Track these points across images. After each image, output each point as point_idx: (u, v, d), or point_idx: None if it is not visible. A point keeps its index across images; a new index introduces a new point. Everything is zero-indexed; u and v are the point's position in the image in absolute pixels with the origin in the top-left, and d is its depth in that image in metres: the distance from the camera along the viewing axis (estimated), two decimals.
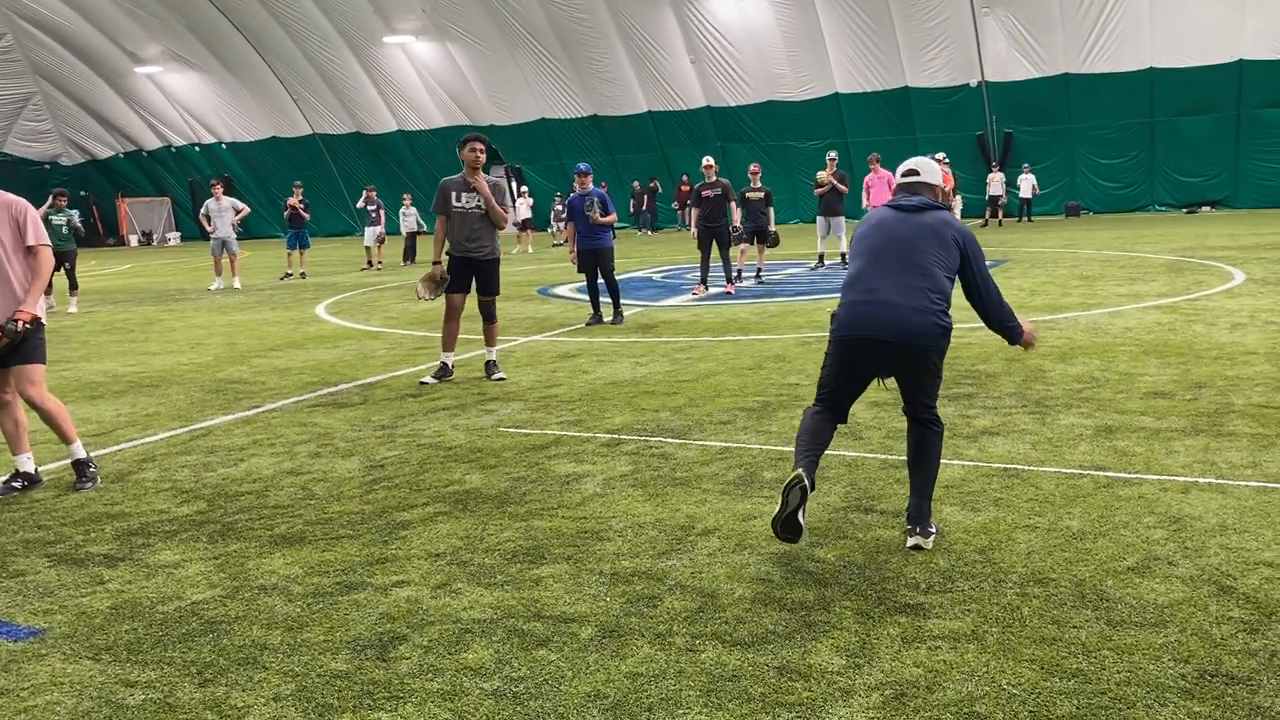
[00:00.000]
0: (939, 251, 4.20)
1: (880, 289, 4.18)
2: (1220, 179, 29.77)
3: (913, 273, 4.16)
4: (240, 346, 11.08)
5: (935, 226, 4.24)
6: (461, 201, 8.28)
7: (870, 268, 4.26)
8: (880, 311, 4.13)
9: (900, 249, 4.22)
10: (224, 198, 19.38)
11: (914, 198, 4.37)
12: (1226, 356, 7.85)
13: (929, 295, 4.12)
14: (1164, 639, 3.31)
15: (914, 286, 4.13)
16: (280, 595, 4.04)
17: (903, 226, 4.28)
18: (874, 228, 4.37)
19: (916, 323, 4.09)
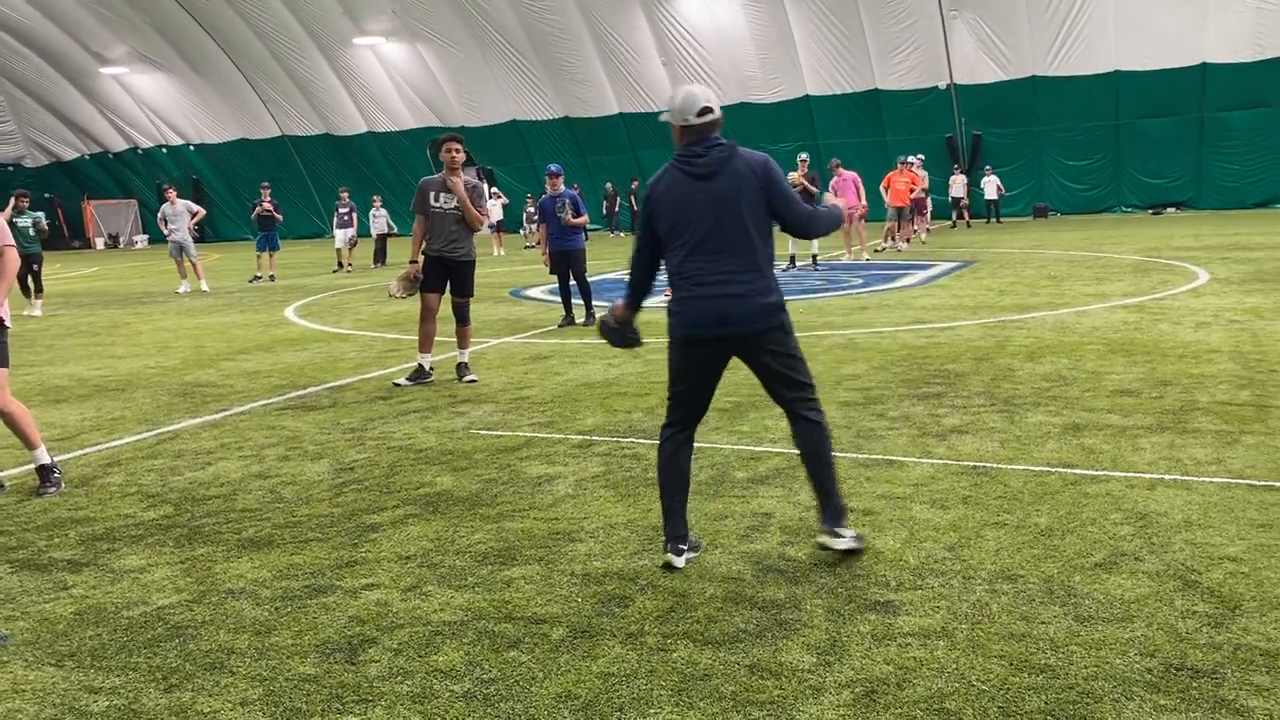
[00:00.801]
0: (746, 215, 3.94)
1: (708, 280, 3.95)
2: (1184, 181, 30.17)
3: (726, 253, 3.94)
4: (208, 349, 10.97)
5: (733, 186, 3.93)
6: (440, 202, 8.22)
7: (693, 256, 3.99)
8: (710, 305, 3.94)
9: (713, 225, 3.95)
10: (178, 201, 19.16)
11: (705, 150, 3.98)
12: (1191, 355, 7.95)
13: (749, 276, 3.93)
14: (1130, 634, 3.34)
15: (738, 269, 3.93)
16: (248, 599, 4.00)
17: (708, 200, 3.96)
18: (683, 206, 4.00)
19: (747, 308, 3.92)
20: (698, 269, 3.99)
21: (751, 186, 3.96)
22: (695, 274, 3.99)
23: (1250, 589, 3.63)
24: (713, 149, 3.99)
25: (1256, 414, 6.03)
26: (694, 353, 4.07)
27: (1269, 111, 28.24)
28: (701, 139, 4.01)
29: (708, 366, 4.10)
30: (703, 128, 4.02)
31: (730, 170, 3.96)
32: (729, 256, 3.95)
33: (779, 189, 4.00)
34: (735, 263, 3.95)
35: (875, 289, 13.84)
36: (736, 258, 3.95)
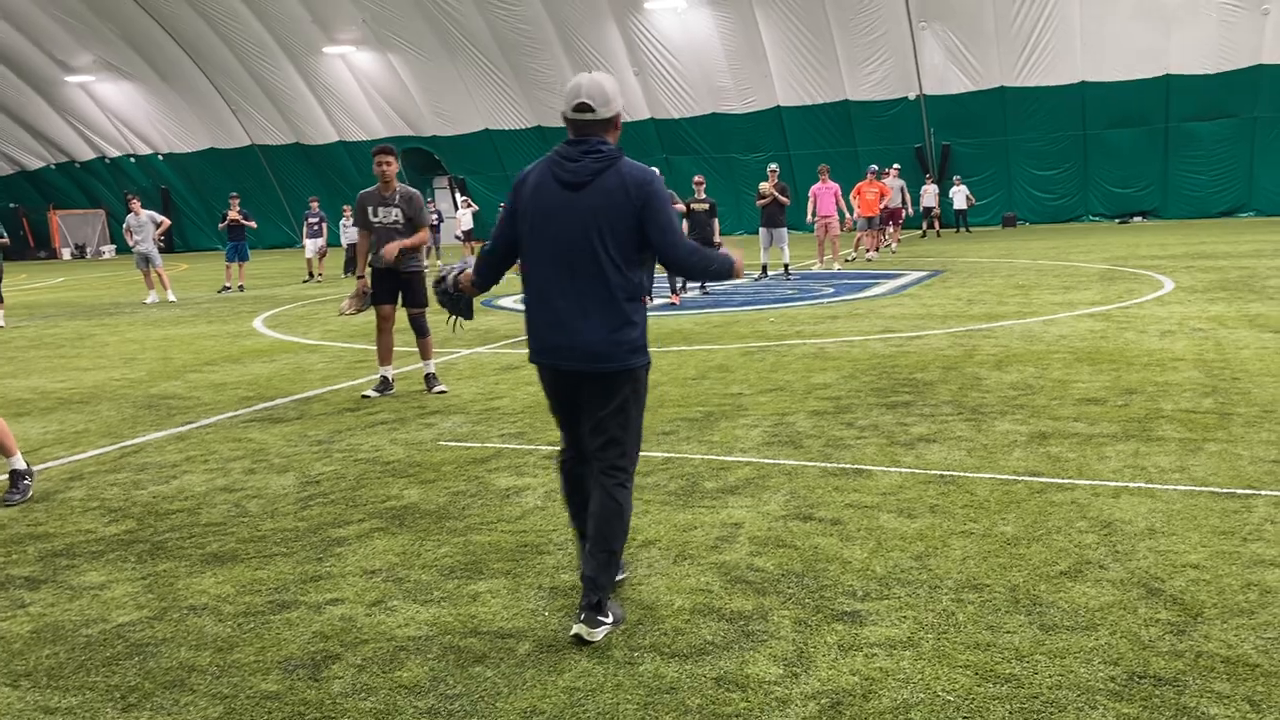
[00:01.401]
0: (609, 238, 3.43)
1: (555, 301, 3.51)
2: (1150, 190, 30.55)
3: (579, 278, 3.46)
4: (175, 361, 10.85)
5: (600, 203, 3.42)
6: (379, 216, 8.06)
7: (542, 271, 3.54)
8: (556, 333, 3.51)
9: (570, 244, 3.46)
10: (143, 211, 18.98)
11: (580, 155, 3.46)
12: (1156, 363, 8.03)
13: (597, 308, 3.46)
14: (1095, 642, 3.36)
15: (591, 297, 3.46)
16: (210, 615, 3.94)
17: (568, 214, 3.45)
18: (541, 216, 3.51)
19: (579, 346, 3.47)
20: (545, 288, 3.54)
21: (622, 207, 3.42)
22: (542, 292, 3.56)
23: (1212, 596, 3.66)
24: (589, 155, 3.46)
25: (1219, 421, 6.10)
26: (546, 378, 3.68)
27: (1232, 122, 28.67)
28: (581, 140, 3.49)
29: (560, 395, 3.68)
30: (581, 126, 3.49)
31: (601, 185, 3.43)
32: (581, 281, 3.46)
33: (657, 214, 3.45)
34: (587, 290, 3.46)
35: (846, 298, 13.90)
36: (590, 285, 3.46)
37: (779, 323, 11.59)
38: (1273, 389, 6.90)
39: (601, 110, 3.45)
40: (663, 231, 3.46)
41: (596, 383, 3.53)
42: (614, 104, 3.49)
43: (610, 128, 3.51)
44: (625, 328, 3.49)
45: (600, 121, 3.47)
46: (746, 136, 33.52)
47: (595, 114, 3.45)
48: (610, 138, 3.51)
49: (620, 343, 3.48)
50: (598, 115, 3.45)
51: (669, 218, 3.49)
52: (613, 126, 3.52)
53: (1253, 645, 3.28)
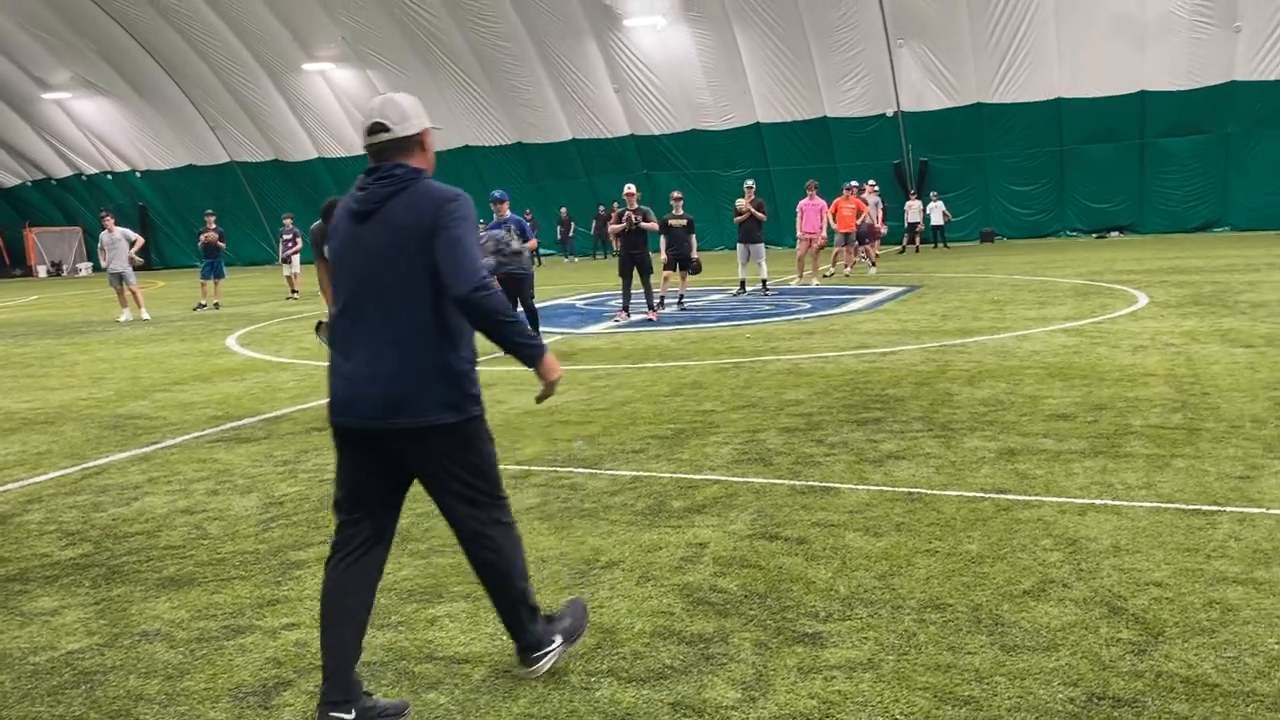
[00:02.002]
0: (403, 272, 2.97)
1: (352, 350, 3.03)
2: (1127, 205, 30.77)
3: (379, 319, 2.99)
4: (144, 380, 10.74)
5: (389, 234, 2.99)
6: None
7: (344, 316, 3.07)
8: (354, 386, 3.02)
9: (370, 283, 3.01)
10: (116, 228, 18.85)
11: (369, 183, 3.06)
12: (1127, 378, 8.04)
13: (415, 350, 2.98)
14: (1055, 662, 3.33)
15: (392, 340, 2.98)
16: (162, 641, 3.87)
17: (357, 250, 3.04)
18: (335, 257, 3.13)
19: (398, 395, 2.96)
20: (345, 334, 3.07)
21: (413, 235, 2.97)
22: (342, 340, 3.09)
23: (1174, 615, 3.64)
24: (381, 180, 3.04)
25: (1187, 437, 6.10)
26: (339, 443, 3.13)
27: (1206, 138, 28.94)
28: (377, 166, 3.09)
29: (358, 464, 3.11)
30: (378, 150, 3.09)
31: (388, 211, 3.01)
32: (381, 324, 3.00)
33: (446, 243, 2.93)
34: (387, 333, 2.99)
35: (822, 314, 13.91)
36: (391, 327, 2.99)
37: (754, 339, 11.58)
38: (1241, 404, 6.92)
39: (398, 128, 3.06)
40: (451, 265, 2.91)
41: (406, 445, 3.02)
42: (413, 121, 3.09)
43: (412, 149, 3.09)
44: (432, 376, 2.99)
45: (397, 141, 3.06)
46: (726, 153, 33.62)
47: (391, 133, 3.05)
48: (415, 161, 3.09)
49: (428, 392, 2.98)
50: (394, 134, 3.05)
51: (454, 246, 2.93)
52: (417, 148, 3.11)
53: (1212, 665, 3.25)
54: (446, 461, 3.07)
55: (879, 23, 29.75)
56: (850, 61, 30.80)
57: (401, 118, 3.07)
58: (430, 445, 3.03)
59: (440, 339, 3.01)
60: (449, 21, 33.36)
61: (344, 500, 3.16)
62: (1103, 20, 28.01)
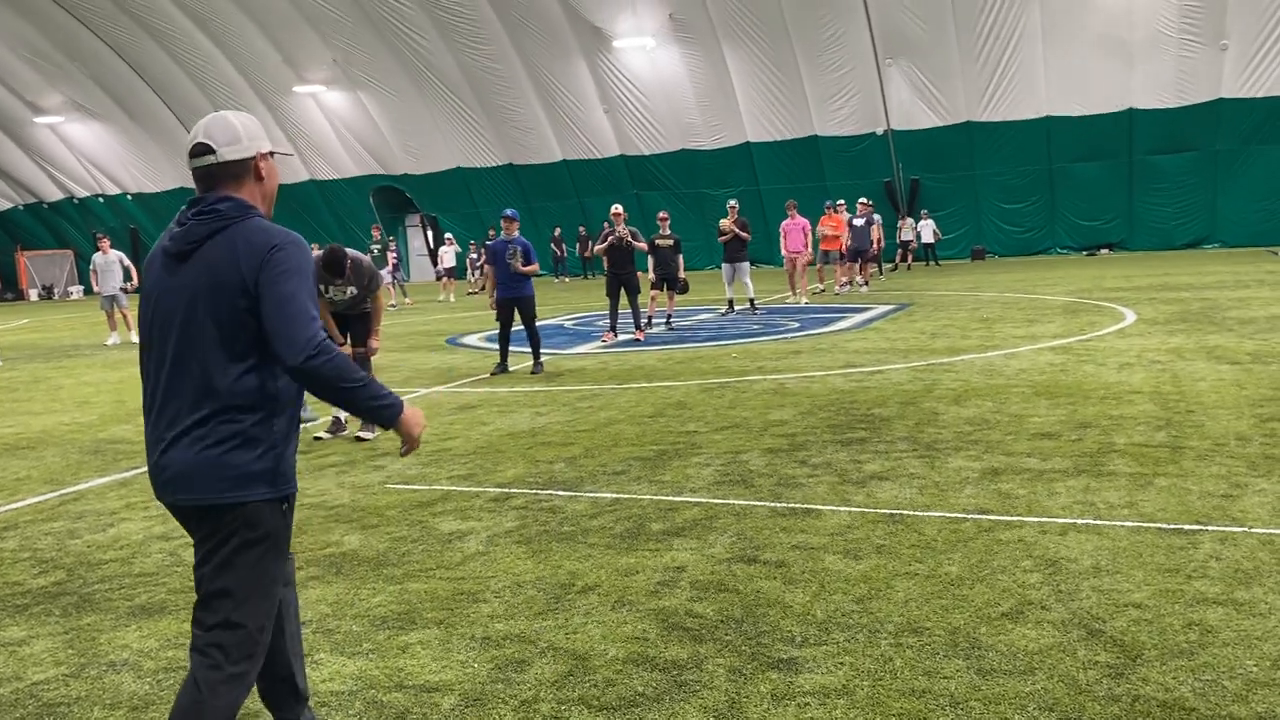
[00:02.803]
0: (209, 324, 2.56)
1: (151, 412, 2.64)
2: (1116, 222, 30.87)
3: (182, 377, 2.58)
4: (129, 404, 10.67)
5: (197, 284, 2.57)
6: (330, 293, 8.03)
7: (147, 375, 2.68)
8: (151, 451, 2.65)
9: (170, 332, 2.61)
10: (111, 251, 18.82)
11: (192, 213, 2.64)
12: (1113, 396, 8.02)
13: (211, 416, 2.55)
14: (1031, 687, 3.28)
15: (184, 404, 2.57)
16: (130, 672, 3.81)
17: (169, 296, 2.63)
18: (144, 302, 2.71)
19: (183, 465, 2.55)
20: (150, 394, 2.67)
21: (229, 281, 2.55)
22: (149, 401, 2.67)
23: (1152, 637, 3.60)
24: (202, 216, 2.62)
25: (1171, 455, 6.07)
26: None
27: (1194, 155, 29.06)
28: (201, 198, 2.67)
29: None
30: (202, 176, 2.67)
31: (205, 252, 2.59)
32: (183, 382, 2.59)
33: (274, 303, 2.52)
34: (189, 393, 2.58)
35: (810, 333, 13.90)
36: (192, 385, 2.58)
37: (741, 358, 11.55)
38: (1226, 421, 6.90)
39: (225, 151, 2.64)
40: (278, 325, 2.49)
41: (192, 521, 2.63)
42: (244, 144, 2.66)
43: (244, 177, 2.67)
44: (234, 447, 2.55)
45: (225, 166, 2.65)
46: (716, 172, 33.71)
47: (216, 156, 2.64)
48: (245, 193, 2.67)
49: (222, 465, 2.54)
50: (220, 158, 2.64)
51: (294, 308, 2.51)
52: (250, 176, 2.68)
53: (1190, 688, 3.21)
54: (218, 546, 2.62)
55: (868, 42, 29.90)
56: (840, 81, 30.94)
57: (231, 139, 2.65)
58: (210, 525, 2.61)
59: (251, 404, 2.58)
60: (439, 43, 33.48)
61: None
62: (1090, 39, 28.18)
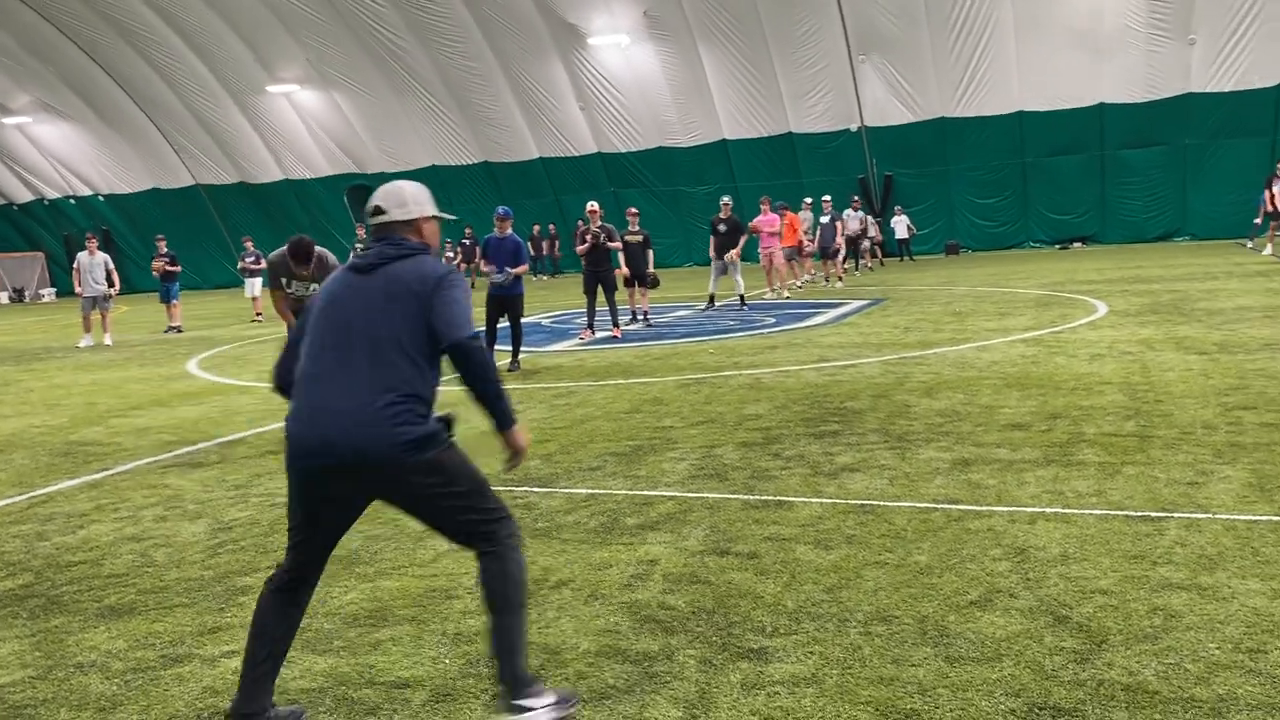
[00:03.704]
0: (399, 322, 3.08)
1: (321, 393, 3.08)
2: (1089, 216, 31.13)
3: (363, 365, 3.06)
4: (99, 406, 10.58)
5: (388, 287, 3.13)
6: (293, 289, 8.01)
7: (315, 362, 3.15)
8: (318, 427, 3.04)
9: (349, 331, 3.12)
10: (98, 252, 18.67)
11: (376, 246, 3.27)
12: (1083, 387, 8.09)
13: (383, 395, 3.02)
14: (998, 673, 3.32)
15: (363, 384, 3.04)
16: (98, 673, 3.79)
17: (354, 297, 3.17)
18: (326, 300, 3.25)
19: (366, 436, 2.99)
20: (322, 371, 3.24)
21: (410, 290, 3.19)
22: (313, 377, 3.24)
23: (1118, 622, 3.64)
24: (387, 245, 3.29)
25: (1139, 445, 6.14)
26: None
27: (1164, 149, 29.34)
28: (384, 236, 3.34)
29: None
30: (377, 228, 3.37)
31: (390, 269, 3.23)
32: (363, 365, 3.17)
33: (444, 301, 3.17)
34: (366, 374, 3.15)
35: (786, 328, 13.94)
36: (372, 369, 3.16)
37: (718, 354, 11.58)
38: (1193, 410, 6.98)
39: (395, 212, 3.30)
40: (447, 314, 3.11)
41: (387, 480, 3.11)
42: (410, 208, 3.31)
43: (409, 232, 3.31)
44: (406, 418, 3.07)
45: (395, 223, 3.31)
46: (693, 170, 33.75)
47: (388, 215, 3.30)
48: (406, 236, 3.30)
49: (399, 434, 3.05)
50: (390, 218, 3.30)
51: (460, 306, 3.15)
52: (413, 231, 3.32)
53: (1153, 672, 3.25)
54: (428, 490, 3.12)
55: (841, 39, 30.02)
56: (814, 78, 31.04)
57: (399, 204, 3.31)
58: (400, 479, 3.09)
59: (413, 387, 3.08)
60: (413, 42, 33.35)
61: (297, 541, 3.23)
62: (1061, 34, 28.40)
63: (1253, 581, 3.94)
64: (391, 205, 3.31)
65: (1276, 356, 8.91)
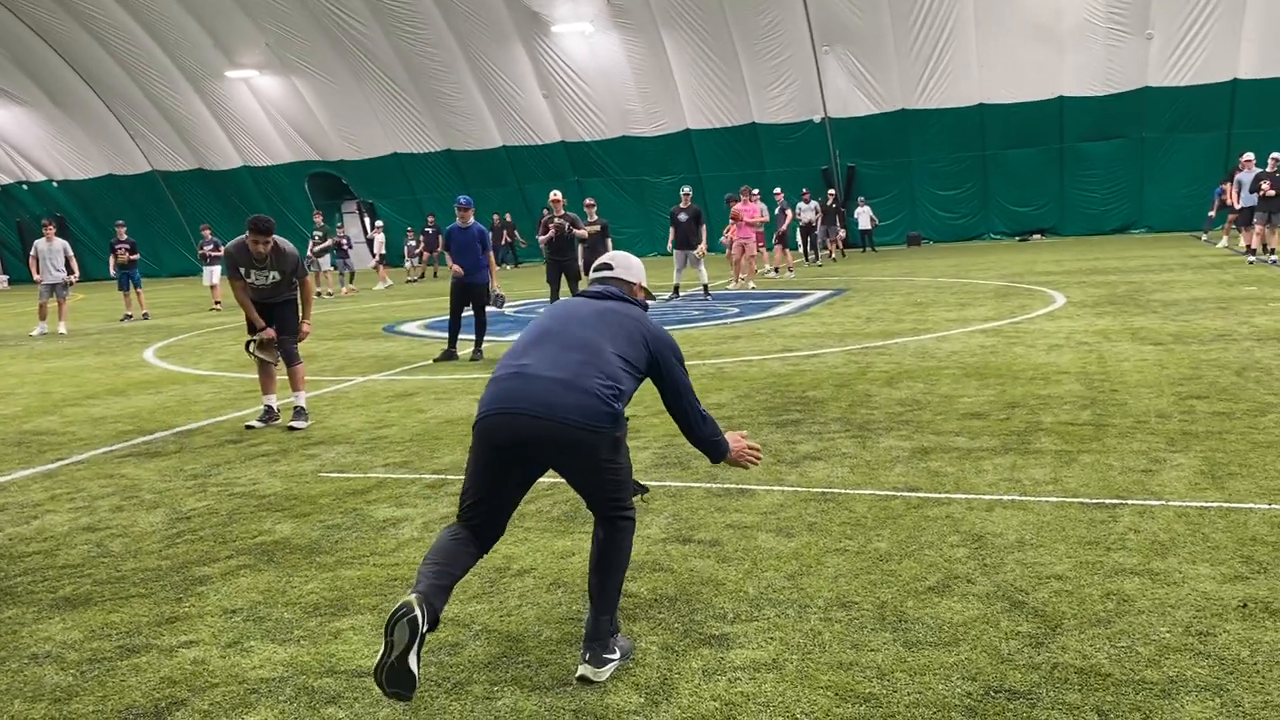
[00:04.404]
0: (620, 340, 3.53)
1: (534, 364, 3.45)
2: (1048, 208, 31.49)
3: (579, 350, 3.46)
4: (54, 395, 10.41)
5: (621, 318, 3.60)
6: (251, 278, 7.87)
7: (531, 343, 3.56)
8: (528, 385, 3.38)
9: (573, 328, 3.55)
10: (56, 239, 18.33)
11: (604, 287, 3.79)
12: (1041, 376, 8.20)
13: (595, 375, 3.39)
14: (955, 657, 3.36)
15: (577, 361, 3.42)
16: (52, 664, 3.74)
17: (585, 308, 3.64)
18: (555, 310, 3.74)
19: (572, 401, 3.32)
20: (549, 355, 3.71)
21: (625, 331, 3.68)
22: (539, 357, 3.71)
23: (1072, 607, 3.70)
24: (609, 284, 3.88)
25: (1095, 433, 6.24)
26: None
27: (1122, 143, 29.73)
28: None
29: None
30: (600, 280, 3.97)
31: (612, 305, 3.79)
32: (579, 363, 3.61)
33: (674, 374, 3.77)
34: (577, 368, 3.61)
35: (749, 318, 14.00)
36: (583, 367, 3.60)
37: (682, 344, 11.57)
38: (1148, 399, 7.10)
39: (619, 272, 3.85)
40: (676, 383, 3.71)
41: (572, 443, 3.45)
42: (632, 275, 3.86)
43: (625, 286, 3.84)
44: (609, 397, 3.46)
45: (616, 279, 3.84)
46: (657, 159, 33.71)
47: (613, 272, 3.85)
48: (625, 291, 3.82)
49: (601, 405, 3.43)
50: (615, 274, 3.85)
51: (681, 372, 3.72)
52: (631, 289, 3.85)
53: (1106, 655, 3.31)
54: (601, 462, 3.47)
55: (805, 30, 30.09)
56: (778, 68, 31.10)
57: (624, 269, 3.88)
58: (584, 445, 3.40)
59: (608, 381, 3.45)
60: (375, 28, 32.99)
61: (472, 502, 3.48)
62: (1021, 28, 28.65)
63: (1203, 566, 4.02)
64: (619, 268, 3.87)
65: (1229, 347, 9.08)
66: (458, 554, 3.36)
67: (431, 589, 3.19)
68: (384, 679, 3.02)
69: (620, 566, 3.48)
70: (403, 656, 3.00)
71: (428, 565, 3.30)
